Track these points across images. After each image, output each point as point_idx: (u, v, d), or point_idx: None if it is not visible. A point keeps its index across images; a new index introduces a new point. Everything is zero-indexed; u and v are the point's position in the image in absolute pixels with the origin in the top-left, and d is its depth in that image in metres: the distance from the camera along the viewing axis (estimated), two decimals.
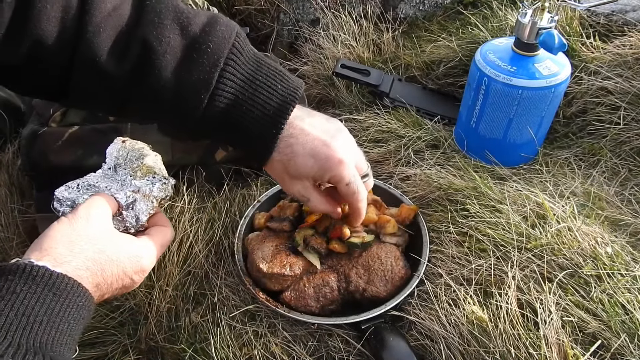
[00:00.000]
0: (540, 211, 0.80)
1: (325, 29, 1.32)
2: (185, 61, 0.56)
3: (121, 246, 0.58)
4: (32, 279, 0.46)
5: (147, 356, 0.81)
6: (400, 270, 0.79)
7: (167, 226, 0.66)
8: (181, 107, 0.58)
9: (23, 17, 0.51)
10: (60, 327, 0.46)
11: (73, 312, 0.48)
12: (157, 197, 0.65)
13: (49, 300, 0.46)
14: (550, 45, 0.84)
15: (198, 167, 1.03)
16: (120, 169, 0.66)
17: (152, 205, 0.65)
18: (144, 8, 0.56)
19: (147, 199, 0.64)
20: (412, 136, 1.04)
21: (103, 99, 0.58)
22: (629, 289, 0.69)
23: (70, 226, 0.54)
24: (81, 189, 0.64)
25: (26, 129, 1.00)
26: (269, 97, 0.60)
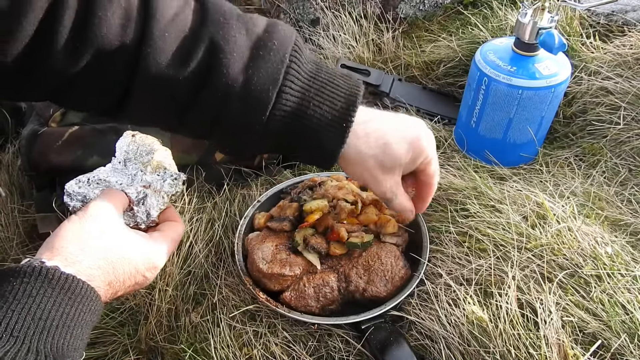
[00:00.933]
0: (540, 211, 0.80)
1: (325, 29, 1.32)
2: (253, 59, 0.55)
3: (132, 243, 0.57)
4: (47, 282, 0.46)
5: (147, 356, 0.81)
6: (400, 270, 0.79)
7: (178, 221, 0.66)
8: (249, 108, 0.55)
9: (83, 26, 0.49)
10: (75, 331, 0.47)
11: (86, 316, 0.48)
12: (168, 192, 0.65)
13: (64, 304, 0.46)
14: (550, 45, 0.84)
15: (198, 167, 1.03)
16: (130, 163, 0.66)
17: (163, 200, 0.64)
18: (207, 10, 0.55)
19: (158, 194, 0.64)
20: None
21: (164, 107, 0.56)
22: (629, 289, 0.69)
23: (81, 225, 0.54)
24: (92, 183, 0.63)
25: (26, 129, 1.00)
26: (334, 92, 0.58)
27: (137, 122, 0.64)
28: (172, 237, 0.63)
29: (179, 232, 0.65)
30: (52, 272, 0.46)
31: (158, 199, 0.64)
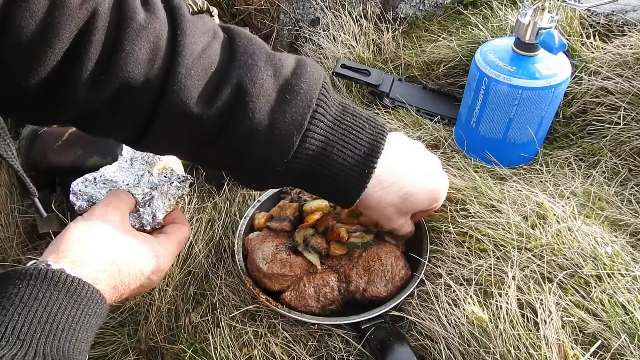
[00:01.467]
0: (540, 211, 0.80)
1: (325, 29, 1.32)
2: (279, 102, 0.54)
3: (138, 247, 0.57)
4: (54, 284, 0.46)
5: (147, 356, 0.81)
6: (400, 271, 0.79)
7: (184, 224, 0.66)
8: (271, 151, 0.55)
9: (110, 60, 0.48)
10: (80, 334, 0.47)
11: (91, 319, 0.48)
12: (174, 195, 0.64)
13: (70, 307, 0.46)
14: (551, 45, 0.84)
15: (198, 167, 1.03)
16: (137, 162, 0.65)
17: (169, 202, 0.64)
18: (237, 49, 0.53)
19: (164, 196, 0.63)
20: (412, 136, 1.04)
21: (185, 143, 0.56)
22: (629, 289, 0.69)
23: (87, 227, 0.54)
24: (98, 183, 0.63)
25: (26, 129, 1.00)
26: (358, 137, 0.57)
27: (155, 152, 0.64)
28: (177, 240, 0.63)
29: (185, 235, 0.65)
30: (58, 275, 0.46)
31: (164, 201, 0.63)
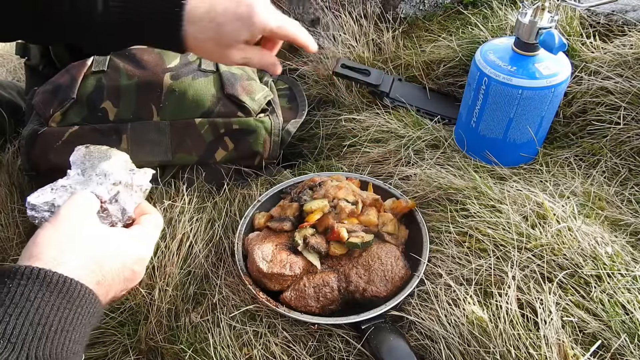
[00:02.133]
0: (540, 211, 0.80)
1: (325, 29, 1.32)
2: None
3: (114, 239, 0.56)
4: (46, 285, 0.44)
5: (147, 356, 0.81)
6: (400, 270, 0.79)
7: (155, 212, 0.65)
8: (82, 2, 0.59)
9: None
10: (74, 336, 0.45)
11: (85, 319, 0.47)
12: (140, 186, 0.63)
13: (63, 308, 0.45)
14: (551, 45, 0.84)
15: (198, 167, 1.03)
16: (92, 171, 0.63)
17: (137, 195, 0.62)
18: None
19: (131, 188, 0.62)
20: (412, 136, 1.04)
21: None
22: (629, 289, 0.69)
23: (55, 229, 0.52)
24: (57, 191, 0.61)
25: (26, 129, 1.00)
26: None
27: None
28: (153, 226, 0.62)
29: (159, 222, 0.64)
30: (50, 275, 0.45)
31: (132, 194, 0.62)
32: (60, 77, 1.02)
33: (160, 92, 0.99)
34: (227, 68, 1.05)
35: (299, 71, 1.32)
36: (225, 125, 1.00)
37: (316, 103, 1.28)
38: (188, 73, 1.02)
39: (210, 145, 1.01)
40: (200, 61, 1.05)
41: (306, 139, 1.22)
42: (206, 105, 1.00)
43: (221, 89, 1.02)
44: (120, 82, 1.00)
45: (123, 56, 1.03)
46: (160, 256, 0.85)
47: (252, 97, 1.03)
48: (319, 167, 1.09)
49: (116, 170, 0.63)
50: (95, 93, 0.99)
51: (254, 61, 0.68)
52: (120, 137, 0.99)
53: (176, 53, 1.05)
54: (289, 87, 1.24)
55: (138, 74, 1.00)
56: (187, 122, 1.00)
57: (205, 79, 1.02)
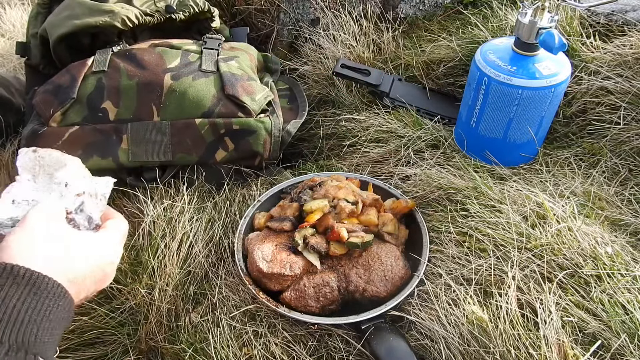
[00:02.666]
0: (540, 211, 0.80)
1: (325, 28, 1.32)
2: None
3: (84, 241, 0.58)
4: (13, 277, 0.47)
5: (147, 356, 0.81)
6: (400, 270, 0.79)
7: (119, 216, 0.67)
8: None
9: None
10: (43, 324, 0.47)
11: (54, 311, 0.49)
12: (104, 194, 0.64)
13: (30, 299, 0.47)
14: (551, 45, 0.84)
15: (198, 167, 1.03)
16: (45, 179, 0.63)
17: (102, 203, 0.63)
18: None
19: (95, 197, 0.63)
20: (412, 136, 1.04)
21: None
22: (629, 289, 0.69)
23: (24, 233, 0.53)
24: (19, 205, 0.60)
25: (26, 128, 1.00)
26: None
27: None
28: (118, 230, 0.64)
29: (124, 225, 0.66)
30: (17, 269, 0.47)
31: (96, 202, 0.63)
32: (61, 77, 1.03)
33: (161, 92, 0.99)
34: (227, 68, 1.05)
35: (299, 71, 1.32)
36: (226, 126, 1.00)
37: (316, 103, 1.28)
38: (188, 73, 1.02)
39: (211, 145, 1.01)
40: (200, 61, 1.05)
41: (306, 139, 1.22)
42: (206, 106, 1.00)
43: (222, 89, 1.02)
44: (120, 82, 1.00)
45: (123, 56, 1.04)
46: (160, 256, 0.85)
47: (253, 97, 1.03)
48: (319, 167, 1.09)
49: (76, 178, 0.63)
50: (95, 93, 0.99)
51: None
52: (121, 137, 0.99)
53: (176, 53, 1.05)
54: (289, 88, 1.24)
55: (138, 74, 1.00)
56: (187, 122, 1.00)
57: (205, 79, 1.02)
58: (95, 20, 1.02)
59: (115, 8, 1.04)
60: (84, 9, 1.04)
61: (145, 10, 1.09)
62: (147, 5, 1.10)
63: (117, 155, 0.98)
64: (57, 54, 1.09)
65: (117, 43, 1.08)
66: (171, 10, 1.12)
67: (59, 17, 1.06)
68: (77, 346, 0.81)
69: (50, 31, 1.06)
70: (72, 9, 1.05)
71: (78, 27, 1.02)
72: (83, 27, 1.02)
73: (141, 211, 0.94)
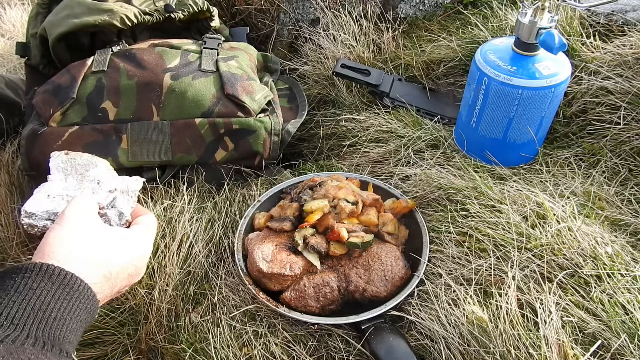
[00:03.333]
0: (540, 211, 0.80)
1: (325, 28, 1.32)
2: None
3: (118, 237, 0.61)
4: (47, 277, 0.49)
5: (147, 356, 0.81)
6: (400, 270, 0.79)
7: (149, 213, 0.70)
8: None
9: None
10: (71, 325, 0.49)
11: (81, 313, 0.51)
12: (134, 191, 0.67)
13: (62, 298, 0.49)
14: (551, 45, 0.84)
15: (198, 167, 1.03)
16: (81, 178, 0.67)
17: (132, 199, 0.67)
18: None
19: (127, 194, 0.66)
20: (412, 136, 1.04)
21: None
22: (629, 289, 0.69)
23: (62, 230, 0.57)
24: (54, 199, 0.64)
25: (26, 128, 1.00)
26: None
27: None
28: (149, 226, 0.67)
29: (154, 222, 0.69)
30: (52, 269, 0.50)
31: (127, 199, 0.66)
32: (60, 77, 1.02)
33: (160, 92, 0.99)
34: (227, 68, 1.05)
35: (299, 71, 1.32)
36: (225, 125, 1.00)
37: (316, 103, 1.28)
38: (188, 73, 1.02)
39: (210, 145, 1.01)
40: (200, 61, 1.05)
41: (306, 139, 1.22)
42: (206, 105, 1.00)
43: (221, 89, 1.02)
44: (120, 82, 1.00)
45: (123, 56, 1.03)
46: (160, 256, 0.85)
47: (252, 97, 1.03)
48: (319, 167, 1.09)
49: (107, 177, 0.67)
50: (95, 93, 0.99)
51: None
52: (120, 137, 0.99)
53: (176, 53, 1.05)
54: (289, 87, 1.24)
55: (138, 74, 1.00)
56: (187, 122, 1.00)
57: (205, 79, 1.02)
58: (94, 19, 1.02)
59: (114, 7, 1.04)
60: (83, 8, 1.04)
61: (144, 10, 1.09)
62: (146, 5, 1.10)
63: (117, 155, 0.98)
64: (57, 54, 1.09)
65: (116, 43, 1.08)
66: (170, 9, 1.12)
67: (58, 16, 1.06)
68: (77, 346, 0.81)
69: (50, 30, 1.05)
70: (71, 8, 1.05)
71: (77, 26, 1.02)
72: (82, 26, 1.02)
73: None
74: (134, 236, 0.63)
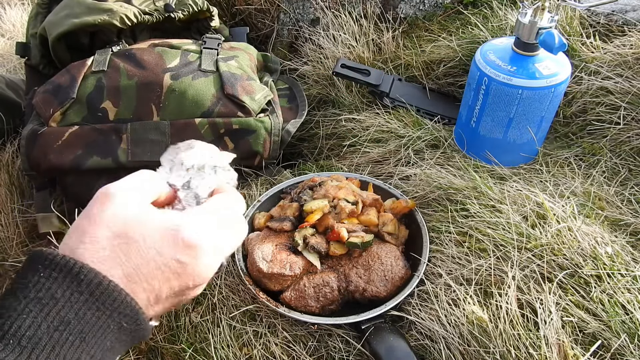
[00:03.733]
0: (540, 211, 0.80)
1: (325, 28, 1.32)
2: None
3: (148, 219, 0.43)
4: (76, 284, 0.38)
5: (147, 356, 0.81)
6: (400, 270, 0.79)
7: (230, 191, 0.51)
8: None
9: None
10: (93, 350, 0.38)
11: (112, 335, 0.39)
12: (214, 167, 0.54)
13: (90, 316, 0.38)
14: (551, 45, 0.84)
15: None
16: (173, 162, 0.54)
17: (212, 177, 0.53)
18: None
19: (202, 171, 0.53)
20: (412, 136, 1.04)
21: None
22: (629, 289, 0.69)
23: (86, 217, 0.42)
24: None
25: (26, 128, 1.00)
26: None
27: None
28: (215, 207, 0.47)
29: (233, 201, 0.49)
30: (84, 273, 0.38)
31: (204, 177, 0.53)
32: (60, 77, 1.02)
33: (160, 92, 0.99)
34: (227, 68, 1.05)
35: (299, 71, 1.32)
36: (225, 125, 1.00)
37: (316, 103, 1.28)
38: (188, 73, 1.02)
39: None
40: (200, 61, 1.05)
41: (306, 139, 1.22)
42: (206, 105, 1.00)
43: (221, 89, 1.02)
44: (120, 82, 1.00)
45: (123, 56, 1.03)
46: None
47: (252, 97, 1.03)
48: (319, 167, 1.09)
49: (192, 157, 0.54)
50: (95, 93, 0.99)
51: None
52: (120, 137, 0.99)
53: (176, 53, 1.05)
54: (289, 87, 1.24)
55: (138, 74, 1.00)
56: (187, 122, 1.00)
57: (205, 79, 1.02)
58: (94, 19, 1.02)
59: (114, 7, 1.04)
60: (82, 7, 1.04)
61: (144, 9, 1.09)
62: (146, 4, 1.10)
63: (117, 155, 0.98)
64: (57, 54, 1.09)
65: (116, 43, 1.08)
66: (170, 9, 1.12)
67: (58, 16, 1.06)
68: None
69: (50, 30, 1.05)
70: (71, 8, 1.05)
71: (77, 26, 1.02)
72: (82, 25, 1.02)
73: None
74: (176, 216, 0.44)
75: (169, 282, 0.42)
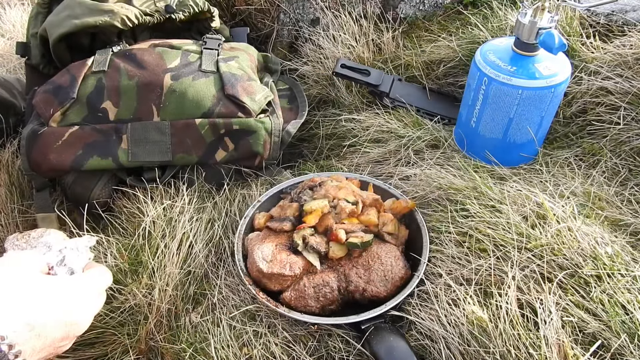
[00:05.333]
0: (540, 211, 0.80)
1: (325, 29, 1.32)
2: None
3: (51, 284, 0.54)
4: None
5: (147, 356, 0.81)
6: (400, 270, 0.79)
7: (101, 265, 0.65)
8: None
9: None
10: None
11: None
12: (86, 246, 0.65)
13: None
14: (550, 45, 0.84)
15: (198, 167, 1.03)
16: (32, 248, 0.65)
17: (84, 255, 0.64)
18: None
19: (77, 250, 0.64)
20: (412, 136, 1.04)
21: None
22: (629, 289, 0.69)
23: None
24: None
25: (26, 128, 1.00)
26: None
27: None
28: (94, 276, 0.61)
29: (102, 272, 0.62)
30: None
31: (78, 255, 0.64)
32: (61, 77, 1.03)
33: (161, 92, 0.99)
34: (227, 68, 1.05)
35: (299, 71, 1.32)
36: (226, 126, 1.00)
37: (316, 103, 1.28)
38: (188, 73, 1.02)
39: (211, 145, 1.01)
40: (200, 61, 1.05)
41: (306, 139, 1.22)
42: (206, 106, 1.00)
43: (221, 90, 1.02)
44: (120, 82, 1.00)
45: (123, 56, 1.04)
46: (160, 256, 0.85)
47: (253, 97, 1.03)
48: (319, 167, 1.09)
49: (58, 240, 0.65)
50: (95, 93, 0.99)
51: None
52: (120, 137, 0.99)
53: (176, 53, 1.05)
54: (289, 88, 1.24)
55: (138, 74, 1.00)
56: (187, 122, 1.00)
57: (205, 80, 1.02)
58: (95, 20, 1.02)
59: (115, 8, 1.04)
60: (83, 8, 1.04)
61: (145, 10, 1.09)
62: (147, 5, 1.10)
63: (117, 155, 0.98)
64: (57, 54, 1.09)
65: (117, 43, 1.08)
66: (171, 10, 1.12)
67: (58, 16, 1.06)
68: (77, 346, 0.81)
69: (50, 31, 1.06)
70: (72, 9, 1.05)
71: (78, 27, 1.02)
72: (83, 26, 1.02)
73: (141, 211, 0.94)
74: (72, 284, 0.56)
75: (63, 331, 0.52)
